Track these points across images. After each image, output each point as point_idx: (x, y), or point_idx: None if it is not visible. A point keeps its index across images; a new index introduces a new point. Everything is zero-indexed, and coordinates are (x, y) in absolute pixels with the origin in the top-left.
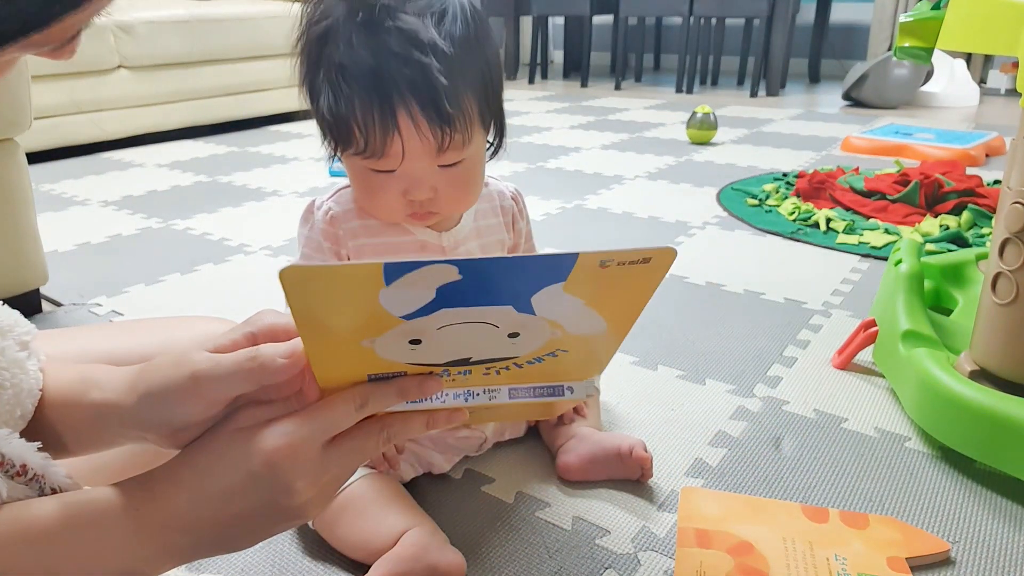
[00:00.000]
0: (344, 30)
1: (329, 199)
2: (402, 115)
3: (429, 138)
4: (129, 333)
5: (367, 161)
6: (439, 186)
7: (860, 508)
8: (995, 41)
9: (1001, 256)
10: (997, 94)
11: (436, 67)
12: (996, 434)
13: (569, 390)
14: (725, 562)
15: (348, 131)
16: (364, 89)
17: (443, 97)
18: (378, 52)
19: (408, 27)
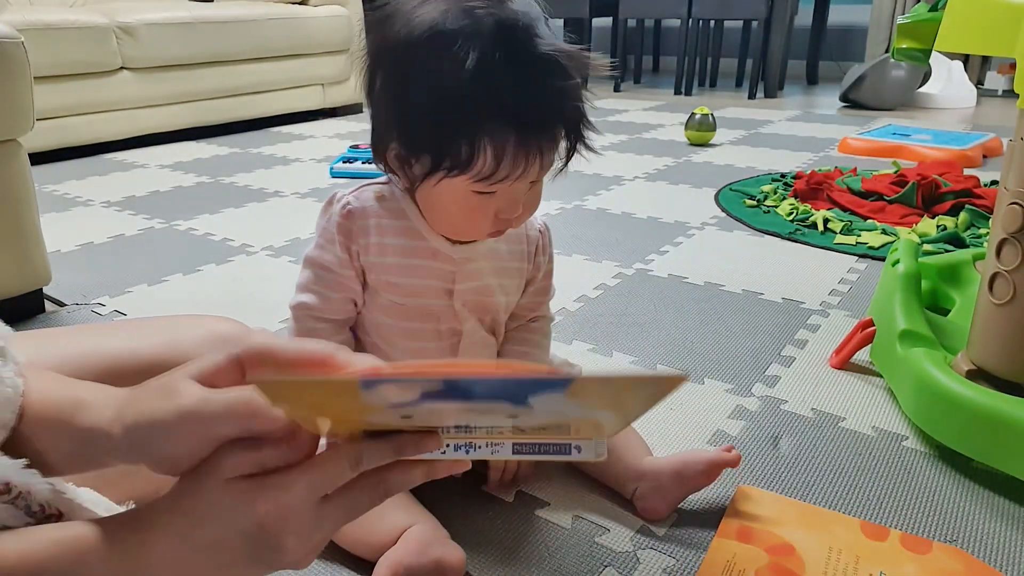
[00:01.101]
0: (486, 54)
1: (351, 194)
2: (549, 147)
3: (548, 163)
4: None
5: (480, 183)
6: (525, 203)
7: (858, 507)
8: (992, 42)
9: (998, 256)
10: (994, 95)
11: (580, 97)
12: (993, 433)
13: (577, 449)
14: (759, 557)
15: (474, 155)
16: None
17: (587, 127)
18: (527, 77)
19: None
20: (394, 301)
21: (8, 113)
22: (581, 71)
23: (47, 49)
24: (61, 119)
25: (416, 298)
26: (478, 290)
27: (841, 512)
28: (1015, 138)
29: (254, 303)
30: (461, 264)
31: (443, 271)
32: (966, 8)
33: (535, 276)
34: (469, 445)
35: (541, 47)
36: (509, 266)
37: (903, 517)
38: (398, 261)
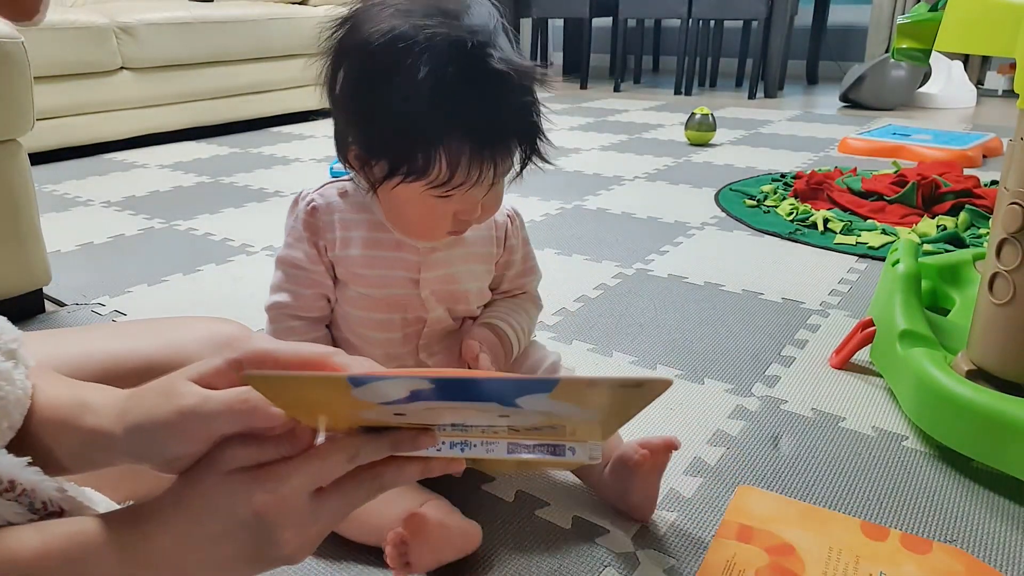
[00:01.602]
0: (440, 69)
1: (315, 191)
2: (503, 159)
3: (509, 169)
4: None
5: (436, 189)
6: (484, 204)
7: (858, 507)
8: (992, 42)
9: (998, 256)
10: (994, 95)
11: (533, 110)
12: (993, 433)
13: (571, 451)
14: (759, 557)
15: (430, 164)
16: (474, 132)
17: (542, 140)
18: (483, 91)
19: (508, 65)
20: (361, 292)
21: (8, 113)
22: (533, 84)
23: (47, 49)
24: (61, 119)
25: (383, 288)
26: (445, 278)
27: (841, 512)
28: (1015, 138)
29: (254, 303)
30: (425, 253)
31: (408, 261)
32: (966, 8)
33: (511, 259)
34: (464, 443)
35: (494, 63)
36: (476, 251)
37: (903, 517)
38: (363, 253)
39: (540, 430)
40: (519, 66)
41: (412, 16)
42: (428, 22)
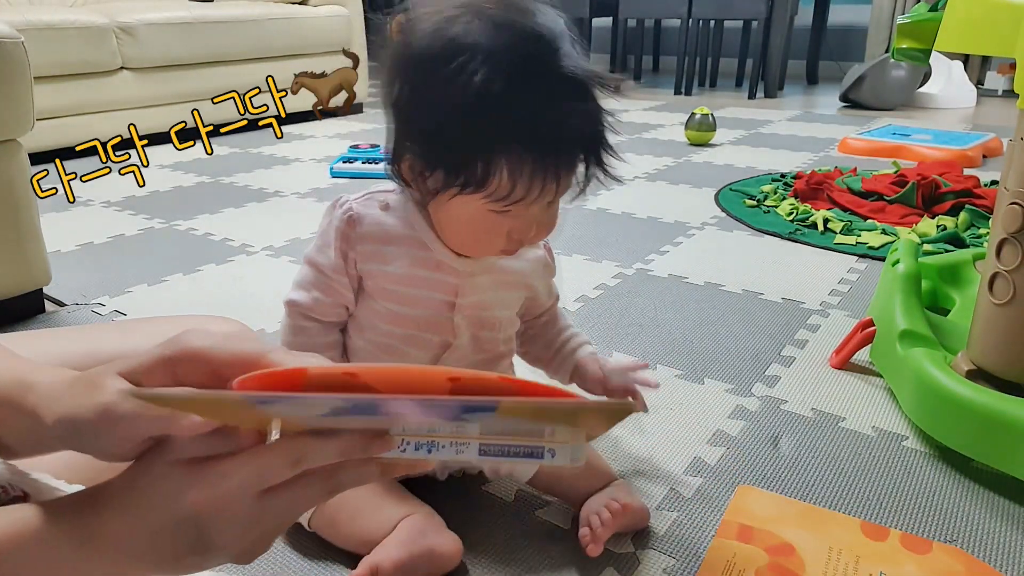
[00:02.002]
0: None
1: (355, 200)
2: (567, 172)
3: (570, 186)
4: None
5: (494, 204)
6: (539, 223)
7: (858, 507)
8: (992, 42)
9: (998, 256)
10: (994, 95)
11: (601, 121)
12: (993, 433)
13: (551, 453)
14: (759, 557)
15: (489, 175)
16: (538, 142)
17: (608, 153)
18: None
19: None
20: (390, 308)
21: (8, 113)
22: (605, 93)
23: (47, 49)
24: (61, 119)
25: (415, 308)
26: (479, 304)
27: (841, 512)
28: (1015, 138)
29: (254, 303)
30: (465, 278)
31: (446, 283)
32: (966, 8)
33: (539, 299)
34: (431, 444)
35: (565, 67)
36: (511, 279)
37: (903, 517)
38: (400, 270)
39: (518, 433)
40: (588, 72)
41: (478, 19)
42: (493, 25)
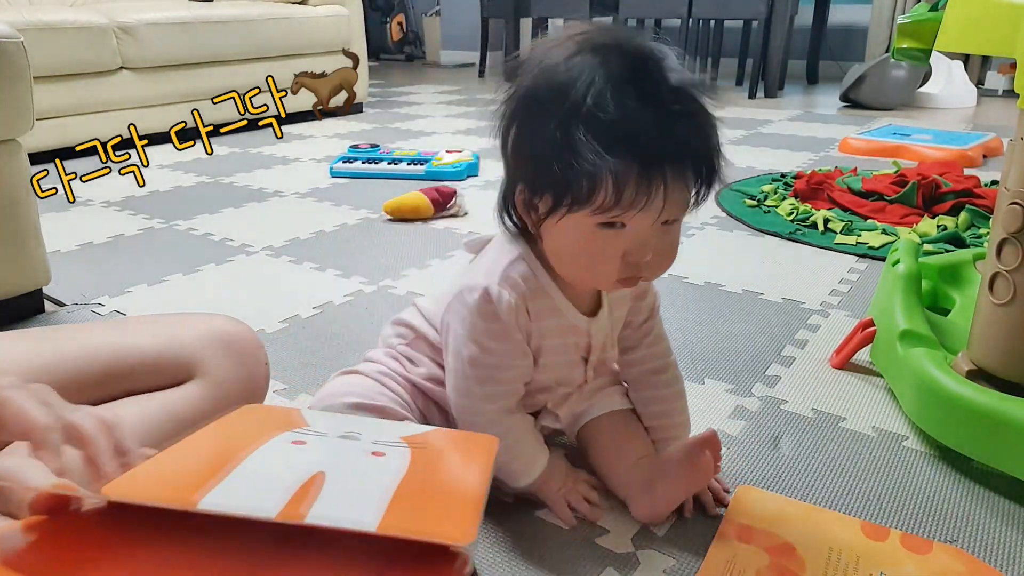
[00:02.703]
0: (609, 85)
1: (500, 286)
2: (675, 178)
3: (685, 198)
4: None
5: (602, 215)
6: (656, 248)
7: (858, 507)
8: (993, 42)
9: (999, 256)
10: (995, 95)
11: (710, 128)
12: (993, 433)
13: None
14: (759, 558)
15: (595, 186)
16: (643, 148)
17: (718, 159)
18: (654, 107)
19: (681, 81)
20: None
21: (8, 113)
22: (711, 101)
23: (47, 49)
24: (61, 119)
25: (556, 373)
26: (603, 349)
27: (841, 512)
28: (1015, 138)
29: (254, 303)
30: (594, 335)
31: (580, 344)
32: (966, 8)
33: (640, 305)
34: None
35: (671, 78)
36: (621, 295)
37: (903, 517)
38: (549, 343)
39: None
40: (692, 80)
41: (584, 43)
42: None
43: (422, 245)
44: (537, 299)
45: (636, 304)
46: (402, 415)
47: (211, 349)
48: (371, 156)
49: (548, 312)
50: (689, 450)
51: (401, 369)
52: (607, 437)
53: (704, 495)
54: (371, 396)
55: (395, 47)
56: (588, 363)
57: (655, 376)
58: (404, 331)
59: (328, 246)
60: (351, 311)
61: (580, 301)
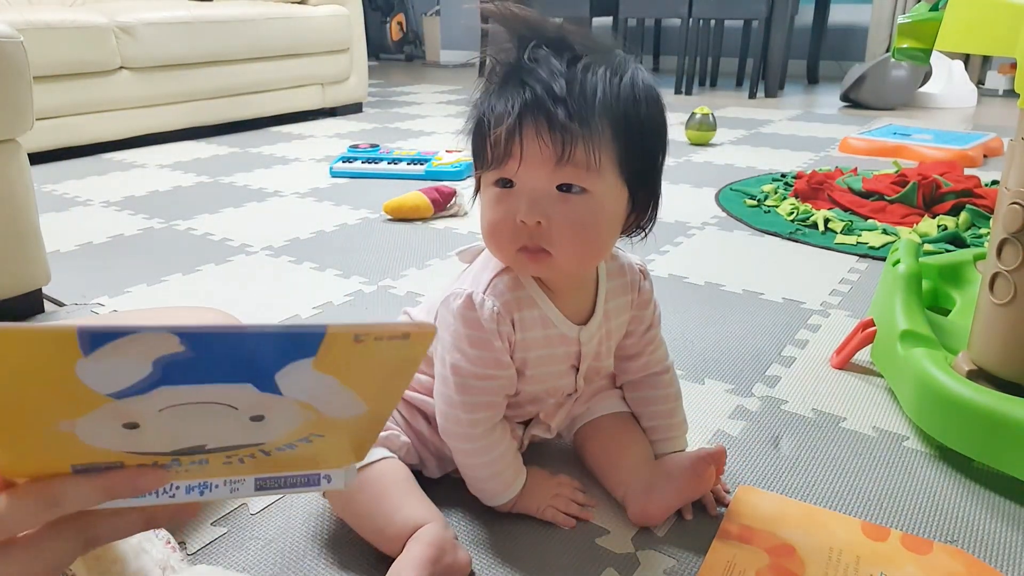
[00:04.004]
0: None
1: (485, 294)
2: (527, 118)
3: (548, 144)
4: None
5: (493, 172)
6: (553, 215)
7: (859, 507)
8: (993, 42)
9: (999, 256)
10: (995, 95)
11: (572, 80)
12: (994, 433)
13: (327, 479)
14: (759, 558)
15: (483, 144)
16: (503, 99)
17: (571, 106)
18: (527, 73)
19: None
20: (525, 376)
21: (7, 113)
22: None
23: (47, 49)
24: (61, 119)
25: (544, 383)
26: (594, 358)
27: (842, 512)
28: (1016, 138)
29: (253, 303)
30: (585, 344)
31: (569, 353)
32: (967, 8)
33: (642, 314)
34: (204, 485)
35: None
36: (620, 320)
37: (904, 517)
38: (536, 354)
39: (294, 448)
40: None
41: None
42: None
43: (422, 245)
44: (524, 309)
45: (639, 314)
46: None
47: None
48: (371, 156)
49: (535, 323)
50: (695, 460)
51: None
52: (606, 437)
53: (704, 496)
54: None
55: (395, 47)
56: (579, 372)
57: (654, 378)
58: None
59: (328, 246)
60: (351, 311)
61: (571, 310)
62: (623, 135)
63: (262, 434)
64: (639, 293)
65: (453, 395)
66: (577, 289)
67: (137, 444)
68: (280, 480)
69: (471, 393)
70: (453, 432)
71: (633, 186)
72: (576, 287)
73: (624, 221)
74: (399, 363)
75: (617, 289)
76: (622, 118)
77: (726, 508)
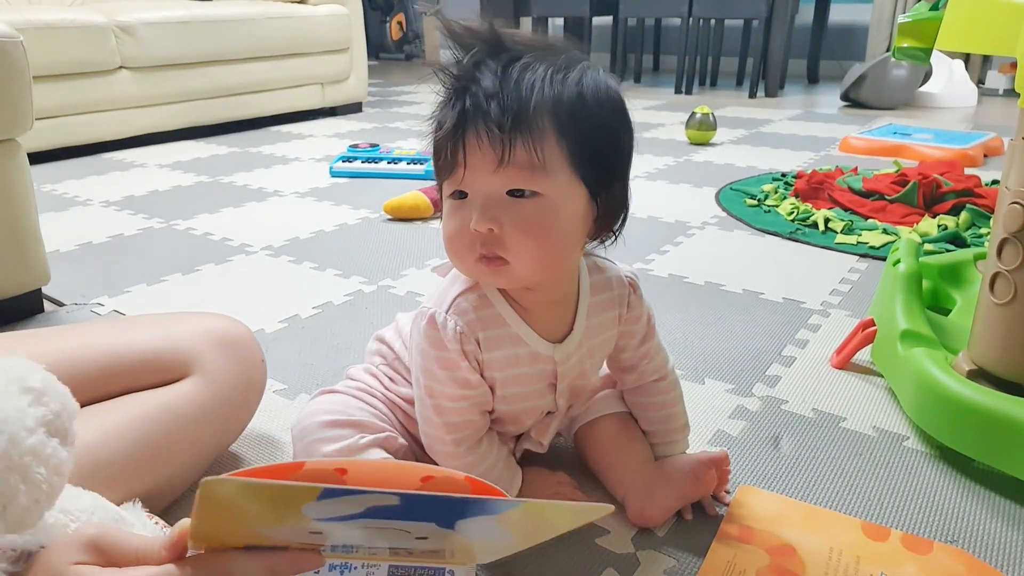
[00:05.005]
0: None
1: (448, 313)
2: (468, 125)
3: (488, 146)
4: (130, 328)
5: (447, 184)
6: (505, 220)
7: (859, 507)
8: (993, 41)
9: (999, 256)
10: (995, 94)
11: (507, 80)
12: (994, 433)
13: (450, 573)
14: (759, 558)
15: (437, 158)
16: (446, 109)
17: (505, 104)
18: (467, 80)
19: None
20: (497, 396)
21: (7, 113)
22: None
23: (46, 49)
24: (60, 119)
25: (521, 403)
26: (576, 376)
27: (842, 512)
28: (1016, 137)
29: (253, 303)
30: (561, 364)
31: (545, 371)
32: (967, 7)
33: (633, 329)
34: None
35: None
36: (604, 336)
37: (904, 517)
38: (505, 374)
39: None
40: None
41: None
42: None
43: (422, 245)
44: (490, 327)
45: (629, 329)
46: (380, 427)
47: (208, 347)
48: (371, 156)
49: (504, 341)
50: (696, 464)
51: (380, 386)
52: (607, 438)
53: (704, 498)
54: (348, 412)
55: (395, 46)
56: (557, 390)
57: (652, 385)
58: (384, 350)
59: (328, 246)
60: (351, 311)
61: (544, 327)
62: (570, 133)
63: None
64: (628, 308)
65: (432, 416)
66: (552, 304)
67: (310, 540)
68: (411, 570)
69: (447, 414)
70: (439, 451)
71: (592, 186)
72: (550, 303)
73: (587, 224)
74: (564, 526)
75: (602, 304)
76: (566, 115)
77: (726, 508)
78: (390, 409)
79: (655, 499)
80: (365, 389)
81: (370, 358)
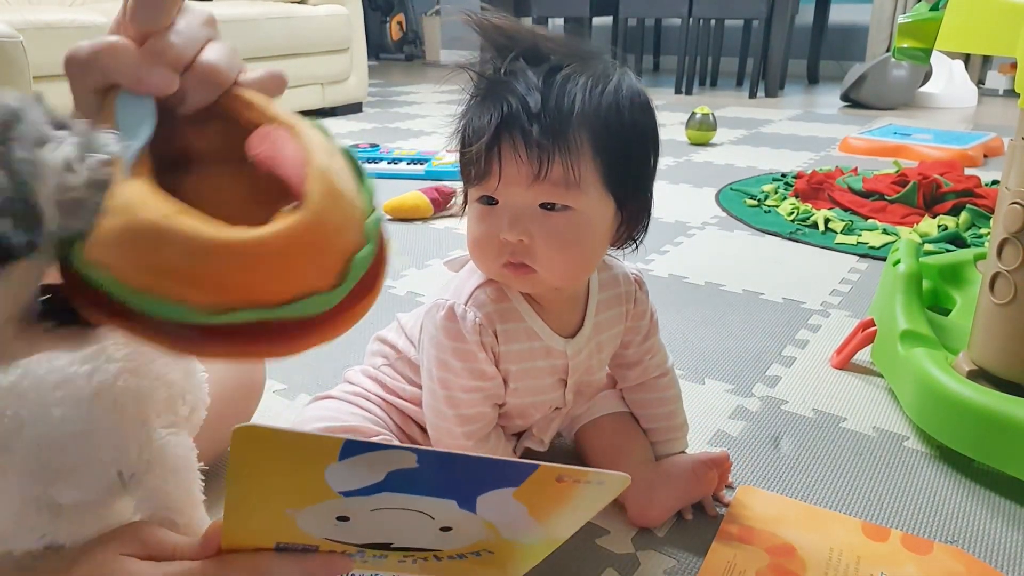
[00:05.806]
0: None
1: (467, 305)
2: (504, 136)
3: (525, 161)
4: None
5: (476, 189)
6: (536, 232)
7: (859, 508)
8: (994, 42)
9: (999, 256)
10: (995, 95)
11: (548, 94)
12: (994, 433)
13: None
14: (759, 558)
15: (467, 163)
16: (480, 115)
17: (546, 122)
18: (503, 87)
19: (537, 71)
20: (509, 388)
21: None
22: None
23: (47, 49)
24: None
25: (532, 396)
26: (584, 371)
27: (842, 512)
28: (1016, 138)
29: None
30: (573, 357)
31: (557, 366)
32: (967, 7)
33: (638, 325)
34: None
35: (540, 50)
36: (612, 332)
37: (904, 517)
38: (519, 367)
39: (464, 558)
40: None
41: None
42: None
43: (422, 245)
44: (507, 321)
45: (635, 325)
46: (374, 431)
47: None
48: (371, 156)
49: (520, 335)
50: (696, 463)
51: (378, 389)
52: (608, 437)
53: (704, 498)
54: (341, 418)
55: (395, 47)
56: (567, 386)
57: (653, 382)
58: (387, 350)
59: None
60: None
61: (558, 322)
62: (605, 149)
63: (444, 542)
64: (634, 304)
65: (443, 408)
66: (565, 301)
67: (339, 534)
68: None
69: (460, 406)
70: (446, 444)
71: (620, 199)
72: (564, 299)
73: (612, 233)
74: (588, 503)
75: (610, 301)
76: (603, 130)
77: (726, 508)
78: (386, 412)
79: (655, 499)
80: (360, 393)
81: (370, 359)
